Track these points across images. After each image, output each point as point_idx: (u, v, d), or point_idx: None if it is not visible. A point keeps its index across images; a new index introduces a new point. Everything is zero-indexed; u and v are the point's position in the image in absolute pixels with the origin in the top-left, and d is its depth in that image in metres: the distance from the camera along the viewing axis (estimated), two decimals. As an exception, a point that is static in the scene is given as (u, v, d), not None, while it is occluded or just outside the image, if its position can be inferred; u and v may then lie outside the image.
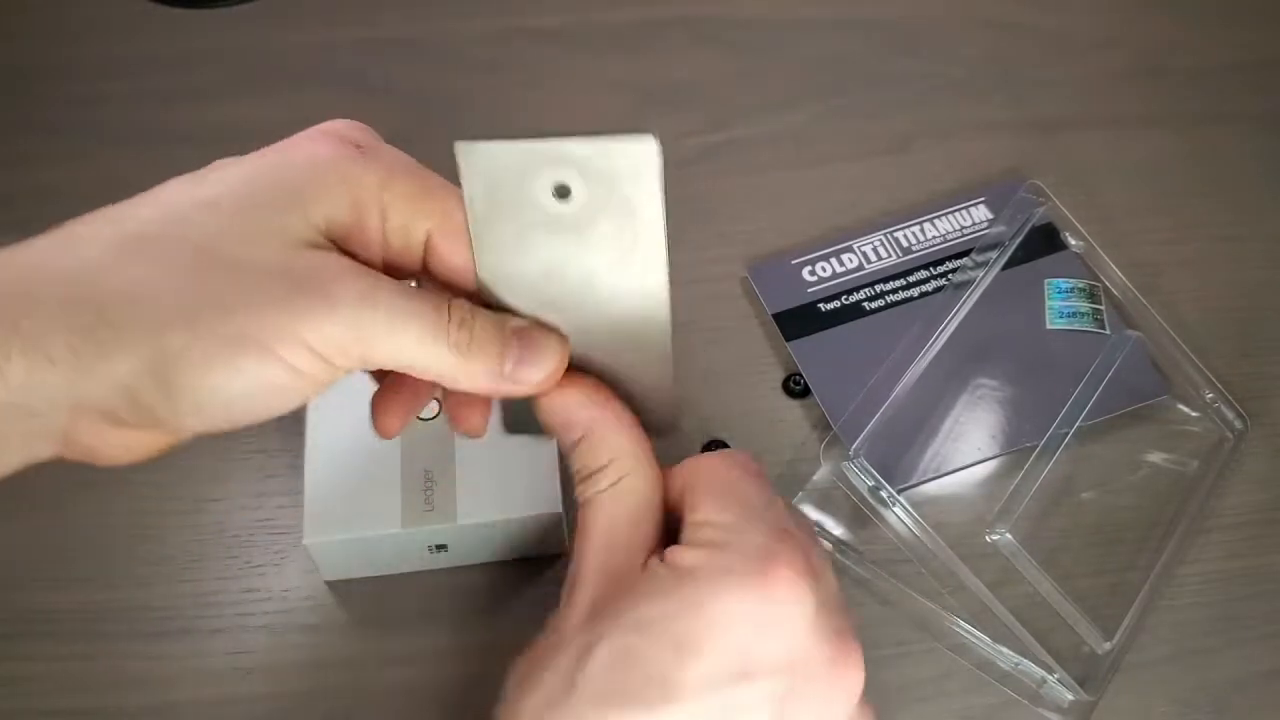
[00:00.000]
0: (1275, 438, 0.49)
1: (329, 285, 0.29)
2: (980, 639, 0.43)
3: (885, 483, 0.45)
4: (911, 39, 0.62)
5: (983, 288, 0.51)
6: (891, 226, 0.54)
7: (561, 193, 0.29)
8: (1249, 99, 0.60)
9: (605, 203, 0.29)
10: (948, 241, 0.53)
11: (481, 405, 0.35)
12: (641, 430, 0.33)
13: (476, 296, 0.32)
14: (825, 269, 0.52)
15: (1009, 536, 0.44)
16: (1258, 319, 0.52)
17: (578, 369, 0.33)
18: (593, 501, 0.32)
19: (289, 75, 0.59)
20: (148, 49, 0.59)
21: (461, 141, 0.29)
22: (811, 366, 0.49)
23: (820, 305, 0.51)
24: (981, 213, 0.54)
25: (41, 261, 0.28)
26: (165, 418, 0.28)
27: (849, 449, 0.46)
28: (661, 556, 0.31)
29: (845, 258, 0.53)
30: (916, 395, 0.48)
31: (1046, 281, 0.52)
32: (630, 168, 0.29)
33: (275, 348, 0.28)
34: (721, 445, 0.47)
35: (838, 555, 0.45)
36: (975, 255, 0.52)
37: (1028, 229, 0.53)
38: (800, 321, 0.51)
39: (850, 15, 0.62)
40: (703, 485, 0.32)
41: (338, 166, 0.30)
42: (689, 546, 0.31)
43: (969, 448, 0.47)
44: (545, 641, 0.31)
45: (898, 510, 0.45)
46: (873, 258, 0.53)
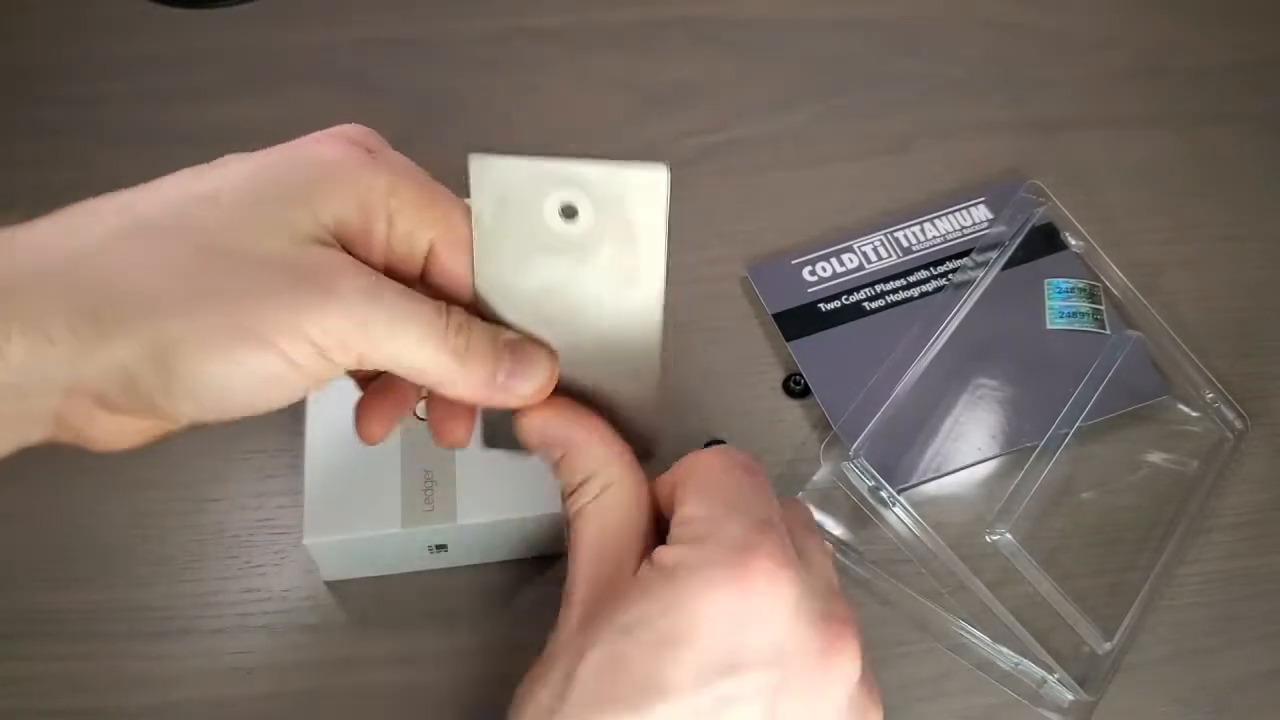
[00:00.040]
0: (1275, 438, 0.49)
1: (333, 280, 0.29)
2: (980, 639, 0.43)
3: (885, 483, 0.45)
4: (911, 39, 0.62)
5: (983, 288, 0.51)
6: (891, 226, 0.54)
7: (568, 214, 0.29)
8: (1249, 99, 0.60)
9: (610, 228, 0.29)
10: (948, 241, 0.53)
11: (465, 417, 0.35)
12: (620, 440, 0.33)
13: (472, 308, 0.32)
14: (825, 269, 0.52)
15: (1009, 536, 0.44)
16: (1258, 319, 0.52)
17: (561, 391, 0.33)
18: (581, 514, 0.32)
19: (289, 75, 0.58)
20: (148, 49, 0.59)
21: (475, 154, 0.29)
22: (811, 366, 0.49)
23: (820, 305, 0.51)
24: (981, 213, 0.54)
25: (46, 243, 0.28)
26: (160, 404, 0.28)
27: (849, 449, 0.46)
28: (651, 559, 0.31)
29: (845, 258, 0.53)
30: (917, 395, 0.48)
31: (1046, 281, 0.52)
32: (639, 196, 0.29)
33: (276, 340, 0.28)
34: (721, 445, 0.47)
35: (838, 555, 0.45)
36: (975, 255, 0.52)
37: (1028, 229, 0.53)
38: (800, 321, 0.51)
39: (850, 15, 0.62)
40: (689, 481, 0.33)
41: (347, 168, 0.30)
42: (672, 544, 0.31)
43: (969, 448, 0.47)
44: (542, 659, 0.31)
45: (898, 510, 0.45)
46: (873, 258, 0.53)
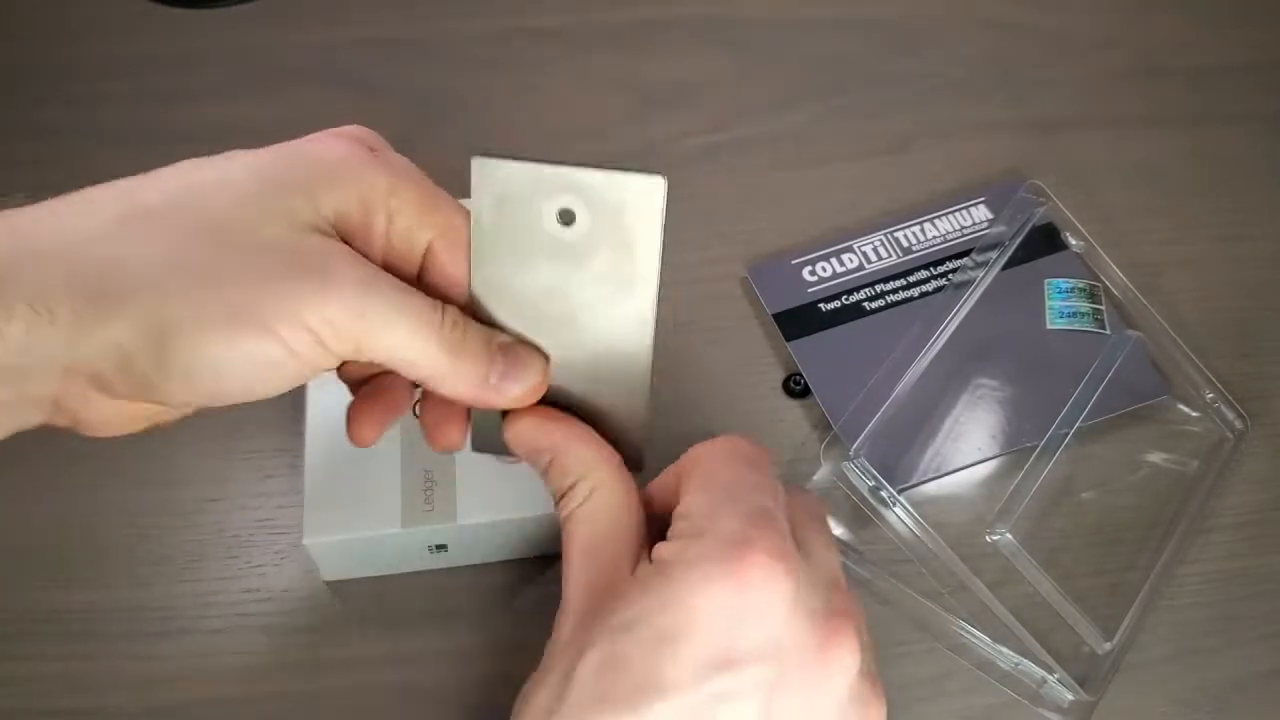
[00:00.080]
0: (1275, 438, 0.49)
1: (331, 269, 0.29)
2: (980, 639, 0.43)
3: (885, 483, 0.45)
4: (911, 39, 0.62)
5: (983, 288, 0.51)
6: (891, 226, 0.54)
7: (566, 219, 0.30)
8: (1249, 99, 0.60)
9: (606, 235, 0.30)
10: (948, 241, 0.53)
11: (458, 420, 0.35)
12: (609, 446, 0.33)
13: (467, 309, 0.32)
14: (825, 269, 0.52)
15: (1009, 536, 0.44)
16: (1258, 319, 0.52)
17: (551, 400, 0.33)
18: (571, 518, 0.32)
19: (289, 75, 0.58)
20: (148, 49, 0.59)
21: (478, 156, 0.29)
22: (811, 366, 0.49)
23: (820, 305, 0.51)
24: (981, 213, 0.54)
25: (48, 227, 0.28)
26: (156, 385, 0.28)
27: (849, 449, 0.46)
28: (650, 556, 0.31)
29: (845, 258, 0.53)
30: (917, 395, 0.48)
31: (1046, 281, 0.52)
32: (636, 204, 0.29)
33: (273, 324, 0.28)
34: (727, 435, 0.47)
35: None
36: (975, 255, 0.52)
37: (1028, 229, 0.53)
38: (800, 321, 0.51)
39: (850, 15, 0.62)
40: (692, 473, 0.32)
41: (350, 165, 0.31)
42: (671, 539, 0.31)
43: (969, 448, 0.47)
44: (541, 664, 0.31)
45: (898, 510, 0.45)
46: (873, 258, 0.53)
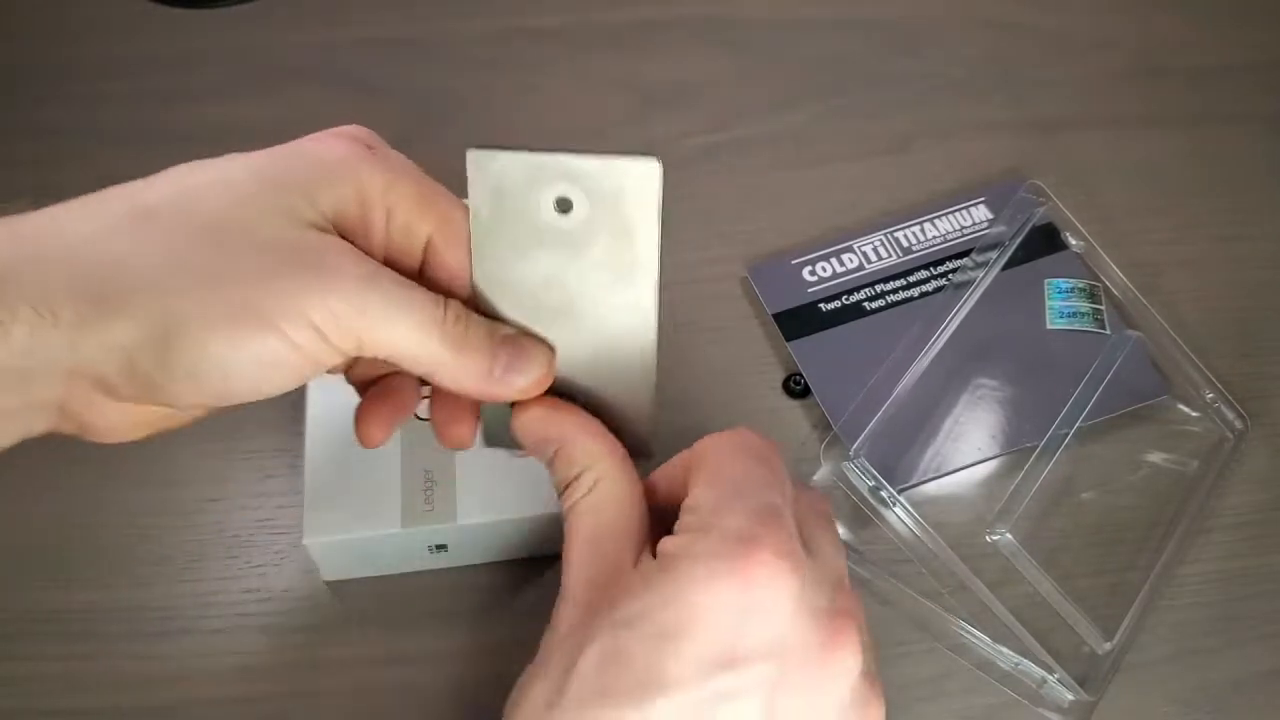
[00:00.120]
0: (1275, 438, 0.49)
1: (332, 264, 0.29)
2: (980, 639, 0.43)
3: (885, 483, 0.45)
4: (911, 39, 0.62)
5: (983, 288, 0.51)
6: (891, 226, 0.54)
7: (564, 207, 0.30)
8: (1249, 99, 0.60)
9: (604, 221, 0.30)
10: (948, 241, 0.53)
11: (468, 417, 0.35)
12: (614, 438, 0.33)
13: (470, 304, 0.32)
14: (825, 269, 0.52)
15: (1009, 536, 0.44)
16: (1258, 319, 0.52)
17: (557, 392, 0.33)
18: (574, 509, 0.32)
19: (289, 75, 0.58)
20: (148, 49, 0.59)
21: (473, 149, 0.29)
22: (811, 366, 0.49)
23: (820, 305, 0.51)
24: (981, 213, 0.54)
25: (50, 230, 0.28)
26: (161, 385, 0.28)
27: (849, 449, 0.46)
28: (654, 551, 0.31)
29: (845, 258, 0.53)
30: (917, 395, 0.48)
31: (1046, 281, 0.52)
32: (632, 188, 0.29)
33: (277, 320, 0.28)
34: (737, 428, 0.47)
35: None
36: (975, 255, 0.52)
37: (1028, 229, 0.53)
38: (800, 321, 0.51)
39: (850, 15, 0.62)
40: (700, 465, 0.32)
41: (348, 163, 0.31)
42: (677, 533, 0.31)
43: (969, 448, 0.47)
44: (538, 656, 0.31)
45: (898, 510, 0.45)
46: (873, 258, 0.53)
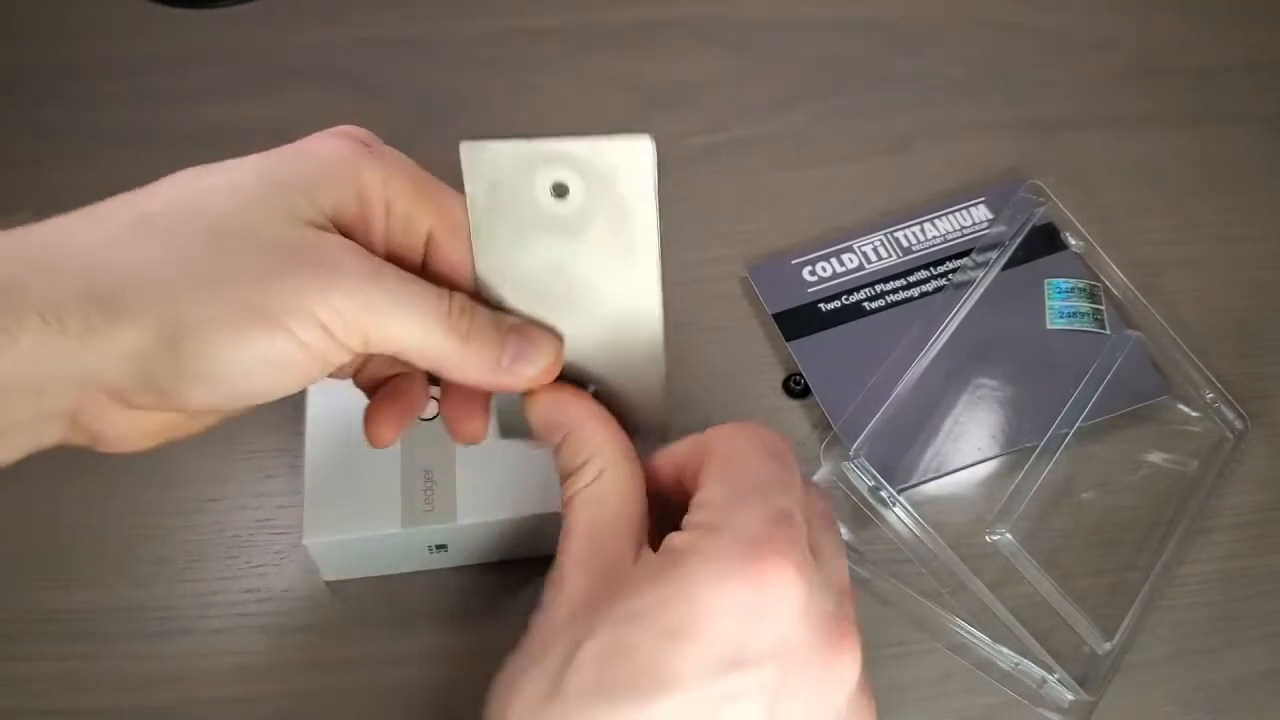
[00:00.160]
0: (1275, 438, 0.49)
1: (335, 262, 0.29)
2: (980, 639, 0.43)
3: (885, 483, 0.45)
4: (911, 39, 0.62)
5: (983, 288, 0.51)
6: (891, 226, 0.54)
7: (560, 191, 0.30)
8: (1249, 99, 0.60)
9: (601, 203, 0.30)
10: (948, 241, 0.53)
11: (480, 410, 0.35)
12: (620, 428, 0.33)
13: (475, 296, 0.32)
14: (825, 269, 0.52)
15: (1009, 536, 0.44)
16: (1258, 319, 0.52)
17: (568, 379, 0.33)
18: (576, 498, 0.32)
19: (289, 75, 0.58)
20: (148, 49, 0.59)
21: (466, 141, 0.30)
22: (811, 366, 0.49)
23: (820, 305, 0.51)
24: (981, 213, 0.54)
25: (55, 239, 0.28)
26: (172, 389, 0.28)
27: (849, 449, 0.46)
28: (655, 547, 0.31)
29: (845, 258, 0.53)
30: (917, 395, 0.48)
31: (1046, 281, 0.52)
32: (626, 167, 0.29)
33: (284, 319, 0.28)
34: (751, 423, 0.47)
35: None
36: (975, 255, 0.52)
37: (1028, 229, 0.53)
38: (800, 321, 0.51)
39: (850, 15, 0.62)
40: (714, 459, 0.32)
41: (346, 161, 0.31)
42: (687, 528, 0.30)
43: (969, 448, 0.47)
44: (530, 643, 0.30)
45: (898, 510, 0.45)
46: (873, 258, 0.53)
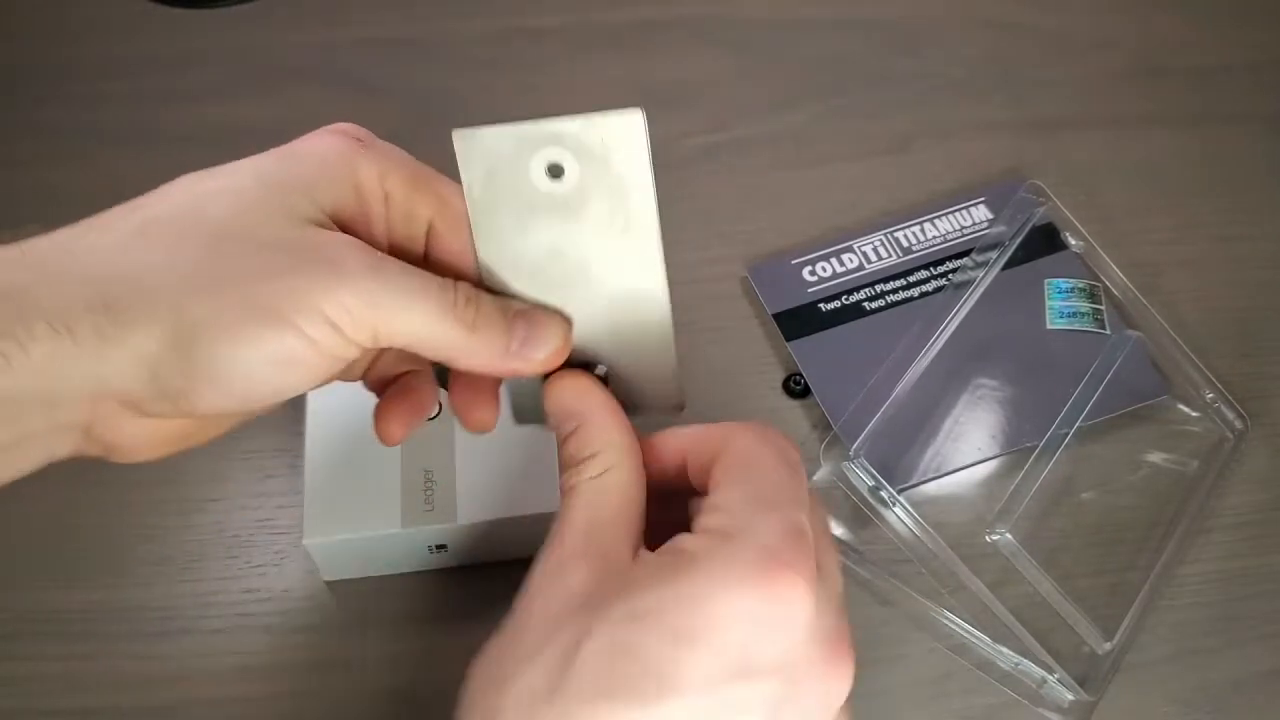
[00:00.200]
0: (1275, 438, 0.49)
1: (339, 258, 0.29)
2: (980, 639, 0.43)
3: (885, 483, 0.45)
4: (911, 39, 0.62)
5: (983, 288, 0.51)
6: (891, 226, 0.54)
7: (555, 172, 0.30)
8: (1249, 99, 0.60)
9: (597, 181, 0.30)
10: (948, 241, 0.53)
11: (489, 399, 0.35)
12: (631, 426, 0.33)
13: (479, 284, 0.32)
14: (825, 269, 0.52)
15: (1009, 536, 0.44)
16: (1258, 319, 0.52)
17: (576, 361, 0.33)
18: (578, 489, 0.32)
19: (289, 75, 0.58)
20: (148, 49, 0.59)
21: (457, 129, 0.30)
22: (811, 366, 0.49)
23: (820, 305, 0.51)
24: (981, 213, 0.54)
25: (61, 249, 0.29)
26: (183, 393, 0.28)
27: (849, 449, 0.46)
28: (650, 534, 0.31)
29: (845, 258, 0.53)
30: (916, 395, 0.48)
31: (1046, 281, 0.52)
32: (618, 141, 0.29)
33: (292, 317, 0.28)
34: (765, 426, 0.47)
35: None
36: (975, 255, 0.52)
37: (1028, 229, 0.53)
38: (800, 321, 0.51)
39: (850, 15, 0.62)
40: (729, 459, 0.32)
41: (342, 157, 0.32)
42: (698, 532, 0.30)
43: (969, 448, 0.47)
44: (521, 634, 0.30)
45: (898, 510, 0.45)
46: (873, 258, 0.53)
